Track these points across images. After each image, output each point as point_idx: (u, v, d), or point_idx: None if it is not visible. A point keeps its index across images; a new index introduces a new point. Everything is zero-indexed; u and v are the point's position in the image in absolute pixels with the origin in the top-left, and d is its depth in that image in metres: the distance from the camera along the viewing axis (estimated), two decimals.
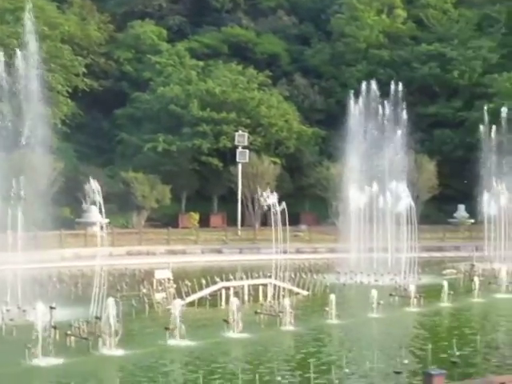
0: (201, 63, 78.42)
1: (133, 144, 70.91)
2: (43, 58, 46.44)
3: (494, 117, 57.89)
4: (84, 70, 73.81)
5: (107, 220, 54.38)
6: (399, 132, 50.53)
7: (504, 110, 58.11)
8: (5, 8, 68.56)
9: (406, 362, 19.82)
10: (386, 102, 54.48)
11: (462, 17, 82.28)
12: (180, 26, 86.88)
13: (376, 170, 45.65)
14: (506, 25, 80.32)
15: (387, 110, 53.22)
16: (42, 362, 19.73)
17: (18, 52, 35.63)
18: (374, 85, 55.76)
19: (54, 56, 68.39)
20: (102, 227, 28.22)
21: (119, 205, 59.41)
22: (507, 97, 67.98)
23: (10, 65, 35.36)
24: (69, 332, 22.07)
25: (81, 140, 72.32)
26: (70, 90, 71.09)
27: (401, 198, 41.53)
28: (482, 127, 57.58)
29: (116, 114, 74.90)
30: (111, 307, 21.60)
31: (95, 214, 57.59)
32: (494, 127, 54.14)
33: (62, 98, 69.26)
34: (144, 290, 32.15)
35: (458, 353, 20.57)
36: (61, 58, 70.66)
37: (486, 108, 61.30)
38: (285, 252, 32.36)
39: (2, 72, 34.61)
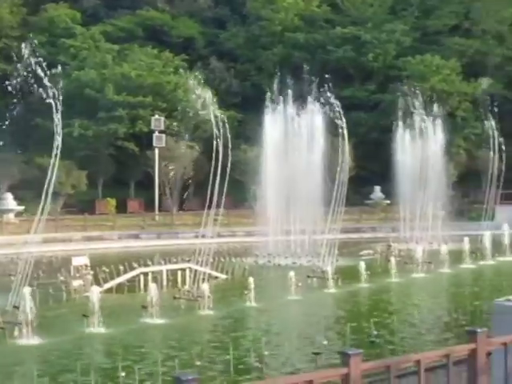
0: (116, 47, 77.67)
1: (48, 129, 69.60)
2: None
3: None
4: None
5: (23, 207, 53.46)
6: (314, 115, 50.71)
7: (417, 93, 58.84)
8: None
9: (324, 342, 19.99)
10: (300, 84, 54.65)
11: (376, 0, 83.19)
12: (94, 9, 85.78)
13: (292, 154, 45.77)
14: (418, 8, 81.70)
15: (302, 93, 53.37)
16: None
17: None
18: (289, 68, 55.81)
19: None
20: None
21: (35, 191, 58.42)
22: (420, 79, 69.13)
23: None
24: None
25: None
26: None
27: (317, 180, 41.98)
28: (395, 109, 58.33)
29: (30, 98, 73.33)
30: (28, 296, 21.31)
31: (10, 202, 56.76)
32: (407, 109, 54.77)
33: None
34: (61, 278, 31.78)
35: (375, 332, 20.86)
36: None
37: (399, 91, 62.23)
38: (203, 236, 32.31)
39: None
